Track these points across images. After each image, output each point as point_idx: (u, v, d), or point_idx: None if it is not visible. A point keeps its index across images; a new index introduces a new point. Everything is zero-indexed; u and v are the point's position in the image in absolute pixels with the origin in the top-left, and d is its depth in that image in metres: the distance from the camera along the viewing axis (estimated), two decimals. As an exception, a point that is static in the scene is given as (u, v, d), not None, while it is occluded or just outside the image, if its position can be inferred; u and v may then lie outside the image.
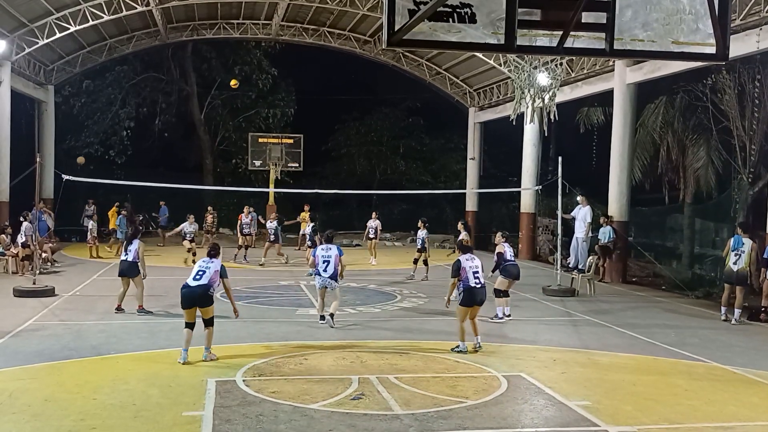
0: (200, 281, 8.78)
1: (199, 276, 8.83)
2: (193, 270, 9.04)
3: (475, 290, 9.26)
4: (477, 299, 9.33)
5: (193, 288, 8.75)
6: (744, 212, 18.03)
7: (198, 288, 8.74)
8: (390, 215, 33.00)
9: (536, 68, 14.62)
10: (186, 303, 8.78)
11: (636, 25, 4.43)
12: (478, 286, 9.28)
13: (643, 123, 20.88)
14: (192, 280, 8.83)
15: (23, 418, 6.47)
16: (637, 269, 19.78)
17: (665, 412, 7.04)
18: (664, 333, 11.22)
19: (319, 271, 11.00)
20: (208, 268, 8.90)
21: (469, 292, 9.26)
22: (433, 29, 4.24)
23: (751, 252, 12.28)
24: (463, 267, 9.29)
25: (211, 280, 8.83)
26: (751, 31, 13.70)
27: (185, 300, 8.78)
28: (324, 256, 11.05)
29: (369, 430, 6.31)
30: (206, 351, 8.86)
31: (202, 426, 6.30)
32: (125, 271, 11.92)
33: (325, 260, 11.00)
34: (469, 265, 9.32)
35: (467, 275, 9.26)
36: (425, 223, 17.64)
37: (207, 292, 8.79)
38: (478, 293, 9.30)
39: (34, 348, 9.26)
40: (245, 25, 25.83)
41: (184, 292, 8.79)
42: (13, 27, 20.18)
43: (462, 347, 9.32)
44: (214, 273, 8.87)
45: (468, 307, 9.35)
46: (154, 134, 33.15)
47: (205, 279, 8.80)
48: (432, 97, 29.98)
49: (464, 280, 9.27)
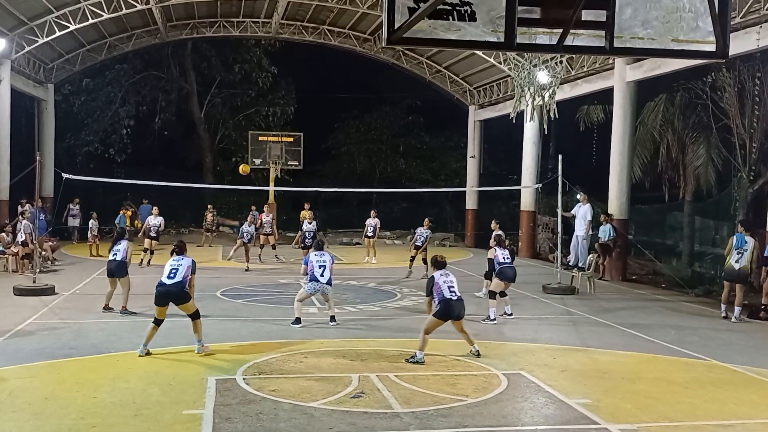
0: (175, 279, 8.92)
1: (173, 274, 8.94)
2: (165, 268, 9.12)
3: (452, 302, 8.70)
4: (454, 312, 8.77)
5: (168, 287, 8.90)
6: (744, 210, 18.04)
7: (173, 286, 8.89)
8: (390, 213, 33.03)
9: (536, 66, 14.60)
10: (160, 301, 8.93)
11: (636, 23, 4.42)
12: (454, 298, 8.72)
13: (643, 121, 20.87)
14: (167, 278, 8.94)
15: (23, 416, 6.48)
16: (637, 267, 19.79)
17: (665, 410, 7.04)
18: (664, 331, 11.23)
19: (316, 276, 10.89)
20: (180, 265, 9.03)
21: (446, 304, 8.69)
22: (433, 27, 4.24)
23: (754, 250, 12.30)
24: (437, 283, 8.79)
25: (185, 276, 8.97)
26: (751, 29, 13.69)
27: (160, 297, 8.93)
28: (320, 261, 10.99)
29: (369, 428, 6.31)
30: (198, 344, 9.04)
31: (203, 424, 6.31)
32: (113, 271, 11.80)
33: (321, 265, 10.94)
34: (443, 281, 8.81)
35: (441, 290, 8.74)
36: (431, 222, 17.75)
37: (183, 290, 8.94)
38: (455, 306, 8.74)
39: (35, 346, 9.27)
40: (245, 24, 25.82)
41: (159, 290, 8.94)
42: (13, 25, 20.17)
43: (419, 357, 8.69)
44: (186, 269, 9.00)
45: (442, 320, 8.76)
46: (153, 133, 33.13)
47: (179, 276, 8.94)
48: (432, 95, 29.97)
49: (439, 294, 8.75)
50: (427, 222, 17.85)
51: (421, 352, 8.73)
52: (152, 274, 17.16)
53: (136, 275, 13.37)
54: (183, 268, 8.99)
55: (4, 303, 12.60)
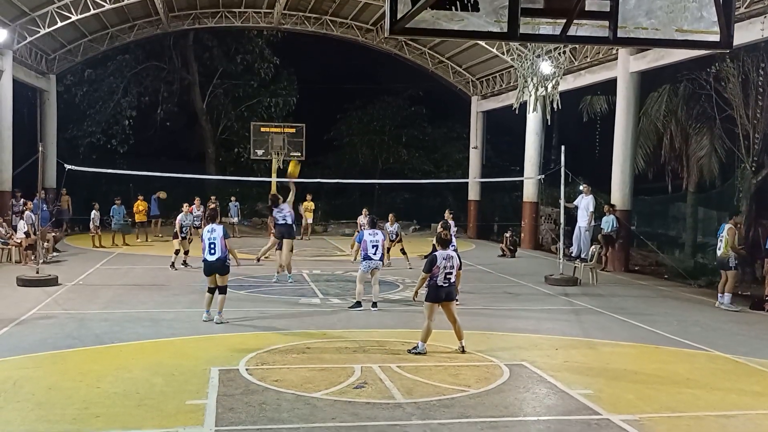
0: (215, 254, 10.13)
1: (213, 250, 10.12)
2: (204, 244, 10.22)
3: (441, 287, 8.60)
4: (442, 295, 8.63)
5: (211, 262, 10.17)
6: (747, 201, 18.00)
7: (216, 262, 10.16)
8: (392, 205, 33.02)
9: (539, 57, 14.57)
10: (207, 272, 10.31)
11: (640, 13, 4.40)
12: (444, 285, 8.61)
13: (646, 112, 20.81)
14: (208, 254, 10.15)
15: (27, 406, 6.51)
16: (639, 258, 19.78)
17: (667, 400, 7.06)
18: (666, 322, 11.23)
19: (369, 255, 11.50)
20: (215, 239, 10.14)
21: (435, 289, 8.63)
22: (435, 17, 4.21)
23: (727, 235, 12.38)
24: (437, 265, 8.56)
25: (223, 249, 10.12)
26: (756, 19, 13.63)
27: (206, 270, 10.30)
28: (372, 240, 11.56)
29: (371, 418, 6.33)
30: (218, 315, 10.27)
31: (206, 414, 6.33)
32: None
33: (374, 245, 11.53)
34: (444, 265, 8.57)
35: (437, 274, 8.56)
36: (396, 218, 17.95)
37: (224, 263, 10.19)
38: (443, 289, 8.61)
39: (38, 337, 9.30)
40: (247, 14, 25.74)
41: (206, 265, 10.26)
42: (15, 16, 20.13)
43: (421, 348, 8.67)
44: (221, 240, 10.10)
45: (434, 302, 8.68)
46: (156, 123, 33.08)
47: (218, 250, 10.12)
48: (434, 86, 29.89)
49: (434, 277, 8.59)
50: (392, 217, 17.69)
51: (423, 343, 8.72)
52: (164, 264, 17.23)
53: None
54: (218, 240, 10.08)
55: (8, 294, 12.65)
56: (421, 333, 8.78)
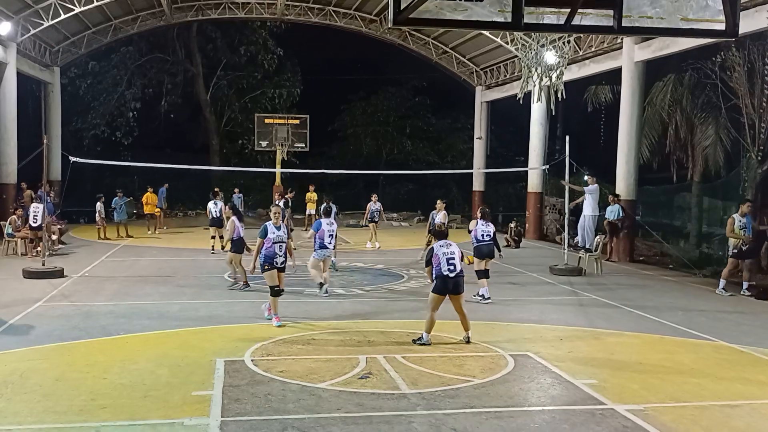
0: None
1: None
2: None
3: (448, 279, 8.59)
4: (449, 287, 8.63)
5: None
6: (753, 190, 17.92)
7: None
8: (397, 195, 33.01)
9: (543, 46, 14.49)
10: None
11: (645, 2, 4.38)
12: (451, 275, 8.60)
13: (651, 101, 20.70)
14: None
15: (34, 397, 6.55)
16: (644, 248, 19.73)
17: (672, 390, 7.06)
18: (671, 312, 11.22)
19: (325, 243, 12.08)
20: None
21: (442, 280, 8.62)
22: (439, 7, 4.20)
23: (726, 224, 12.89)
24: (436, 254, 8.68)
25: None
26: (762, 7, 13.52)
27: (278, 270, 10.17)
28: (329, 230, 12.21)
29: (376, 408, 6.36)
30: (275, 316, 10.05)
31: (212, 405, 6.36)
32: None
33: (330, 234, 12.19)
34: (443, 252, 8.68)
35: (440, 262, 8.63)
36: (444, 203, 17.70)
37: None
38: (450, 282, 8.61)
39: (45, 329, 9.35)
40: (250, 5, 25.65)
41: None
42: (18, 8, 20.12)
43: (425, 338, 8.67)
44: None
45: (441, 294, 8.66)
46: (160, 115, 33.12)
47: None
48: (438, 76, 29.82)
49: (437, 267, 8.66)
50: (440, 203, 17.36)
51: (428, 334, 8.74)
52: (172, 256, 17.23)
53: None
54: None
55: (14, 286, 12.71)
56: (425, 324, 8.80)
